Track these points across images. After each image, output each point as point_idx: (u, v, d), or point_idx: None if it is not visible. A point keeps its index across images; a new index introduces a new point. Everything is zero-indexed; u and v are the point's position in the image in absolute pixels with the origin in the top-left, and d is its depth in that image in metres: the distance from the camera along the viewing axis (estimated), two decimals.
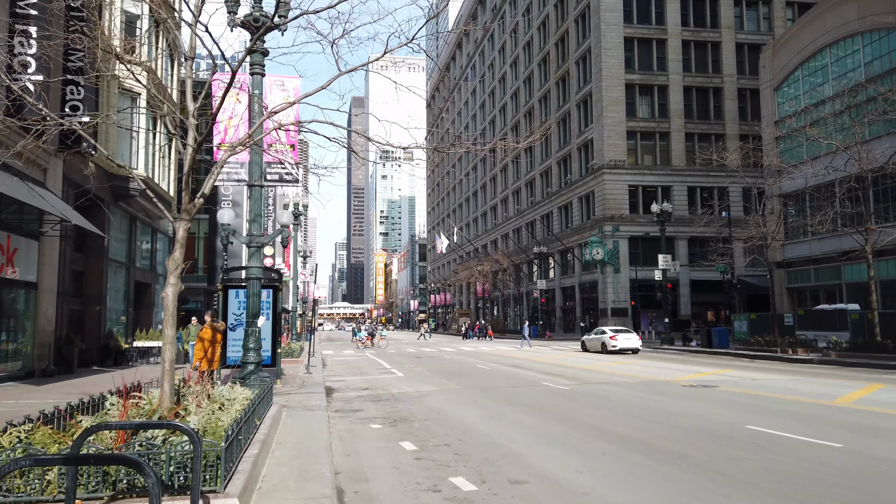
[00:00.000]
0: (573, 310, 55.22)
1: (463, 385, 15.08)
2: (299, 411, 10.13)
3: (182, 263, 6.57)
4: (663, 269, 34.23)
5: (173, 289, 6.51)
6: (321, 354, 27.63)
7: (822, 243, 31.20)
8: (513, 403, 11.69)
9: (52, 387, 14.20)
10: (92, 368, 20.38)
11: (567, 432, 8.62)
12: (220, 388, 7.28)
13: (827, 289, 31.62)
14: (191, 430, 3.59)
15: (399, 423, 9.75)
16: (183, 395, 7.00)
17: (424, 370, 19.78)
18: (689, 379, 15.67)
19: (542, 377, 16.68)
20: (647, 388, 13.63)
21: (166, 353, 6.41)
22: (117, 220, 23.64)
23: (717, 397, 12.08)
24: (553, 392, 13.26)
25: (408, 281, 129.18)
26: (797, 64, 32.44)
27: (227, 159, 12.67)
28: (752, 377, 15.96)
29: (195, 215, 6.80)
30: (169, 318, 6.47)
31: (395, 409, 11.18)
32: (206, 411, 6.26)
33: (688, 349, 29.78)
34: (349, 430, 9.22)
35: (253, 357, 11.00)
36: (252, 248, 11.22)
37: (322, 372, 18.74)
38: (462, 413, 10.64)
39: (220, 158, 6.82)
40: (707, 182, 50.15)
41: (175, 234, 6.71)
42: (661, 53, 50.88)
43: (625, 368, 19.41)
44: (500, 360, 23.72)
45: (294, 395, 12.67)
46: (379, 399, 12.76)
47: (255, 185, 11.27)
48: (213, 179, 6.76)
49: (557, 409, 10.86)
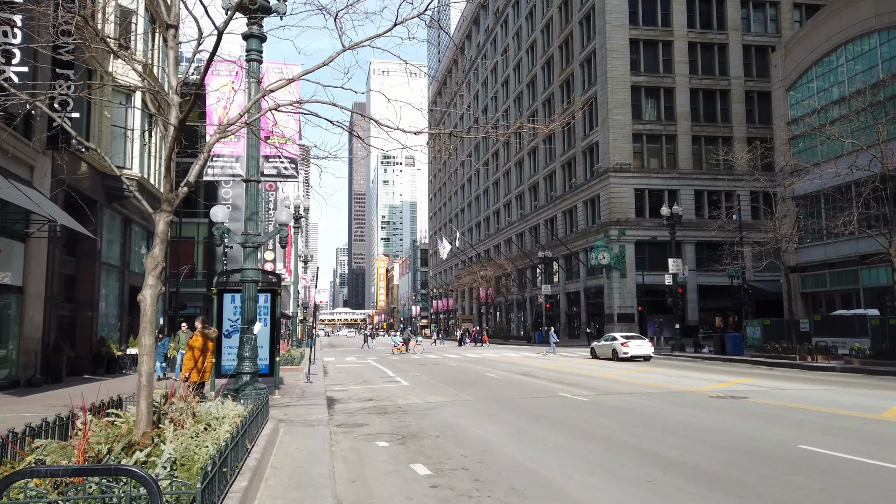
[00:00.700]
0: (578, 315, 54.25)
1: (474, 396, 14.15)
2: (298, 427, 9.21)
3: (162, 262, 5.68)
4: (673, 273, 33.28)
5: (152, 291, 5.61)
6: (322, 362, 26.70)
7: (838, 246, 30.28)
8: (532, 417, 10.76)
9: (35, 398, 13.29)
10: (83, 377, 19.45)
11: (601, 453, 7.68)
12: (208, 404, 6.36)
13: (843, 293, 30.67)
14: (148, 477, 2.70)
15: (409, 440, 8.82)
16: (164, 412, 6.09)
17: (431, 379, 18.84)
18: (713, 389, 14.73)
19: (556, 387, 15.75)
20: (673, 400, 12.69)
21: (143, 366, 5.51)
22: (111, 222, 22.78)
23: (751, 410, 11.14)
24: (573, 404, 12.32)
25: (409, 286, 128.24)
26: (811, 63, 31.61)
27: (222, 151, 11.77)
28: (780, 387, 15.01)
29: (193, 214, 5.90)
30: (147, 324, 5.57)
31: (403, 424, 10.26)
32: (188, 433, 5.35)
33: (700, 356, 28.81)
34: (354, 449, 8.29)
35: (248, 367, 10.10)
36: (248, 248, 10.33)
37: (323, 381, 17.81)
38: (477, 429, 9.71)
39: (209, 141, 5.94)
40: (714, 185, 49.30)
41: (156, 227, 5.81)
42: (668, 55, 50.16)
43: (641, 377, 18.46)
44: (509, 368, 22.77)
45: (293, 407, 11.75)
46: (385, 411, 11.83)
47: (252, 181, 10.39)
48: (201, 165, 5.88)
49: (583, 424, 9.92)
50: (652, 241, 46.51)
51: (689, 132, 49.76)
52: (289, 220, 10.54)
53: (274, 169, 11.74)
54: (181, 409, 6.07)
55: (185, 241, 36.36)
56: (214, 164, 11.30)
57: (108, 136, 20.48)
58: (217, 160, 11.31)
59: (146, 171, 23.67)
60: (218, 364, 12.61)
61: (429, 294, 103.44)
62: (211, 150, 5.91)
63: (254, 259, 10.39)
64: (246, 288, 10.26)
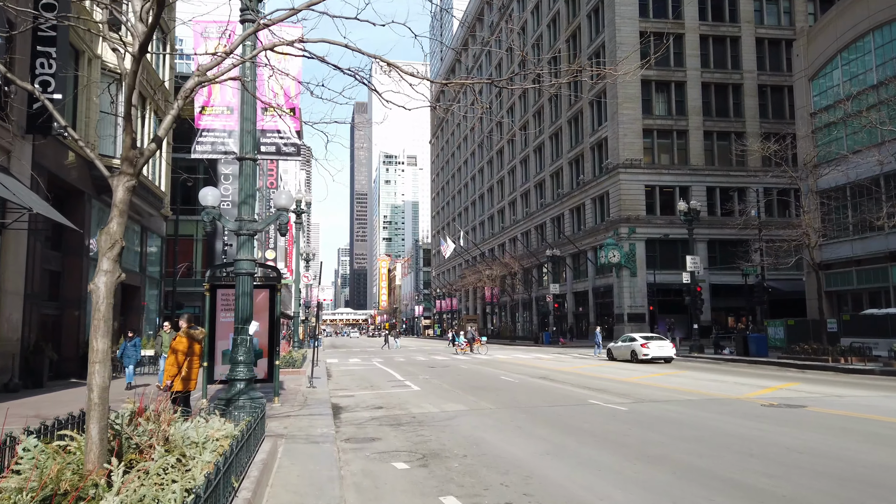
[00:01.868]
0: (586, 315, 52.86)
1: (495, 403, 12.76)
2: (301, 444, 7.84)
3: (121, 240, 4.31)
4: (691, 270, 31.86)
5: (108, 278, 4.25)
6: (325, 363, 25.33)
7: (867, 243, 28.87)
8: (568, 430, 9.38)
9: (6, 405, 11.91)
10: (69, 381, 18.09)
11: (670, 481, 6.30)
12: (185, 425, 4.98)
13: (871, 292, 29.24)
14: None
15: (431, 460, 7.45)
16: (128, 436, 4.72)
17: (443, 383, 17.46)
18: (758, 396, 13.33)
19: (583, 392, 14.35)
20: (721, 409, 11.30)
21: (94, 377, 4.13)
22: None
23: (818, 422, 9.76)
24: (611, 414, 10.93)
25: (412, 286, 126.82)
26: (836, 51, 30.21)
27: (212, 124, 10.37)
28: (834, 393, 13.60)
29: (192, 212, 4.52)
30: (100, 322, 4.20)
31: (421, 439, 8.89)
32: (153, 470, 3.98)
33: (722, 357, 27.41)
34: (367, 472, 6.93)
35: (243, 372, 8.73)
36: (242, 235, 8.96)
37: (327, 385, 16.45)
38: (508, 445, 8.33)
39: (186, 85, 4.58)
40: (727, 182, 48.00)
41: (113, 196, 4.44)
42: (679, 49, 48.79)
43: (670, 381, 17.07)
44: (524, 371, 21.39)
45: (294, 417, 10.39)
46: (398, 422, 10.46)
47: (247, 158, 9.02)
48: (173, 116, 4.51)
49: (629, 439, 8.54)
50: (664, 238, 45.19)
51: (701, 127, 48.44)
52: (289, 203, 9.17)
53: (273, 146, 10.34)
54: (150, 431, 4.70)
55: (184, 239, 35.04)
56: (204, 139, 9.92)
57: (96, 122, 19.13)
58: (207, 135, 9.92)
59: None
60: (211, 368, 11.26)
61: (432, 294, 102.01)
62: (188, 96, 4.54)
63: (249, 249, 9.03)
64: (240, 282, 8.89)
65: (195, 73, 4.62)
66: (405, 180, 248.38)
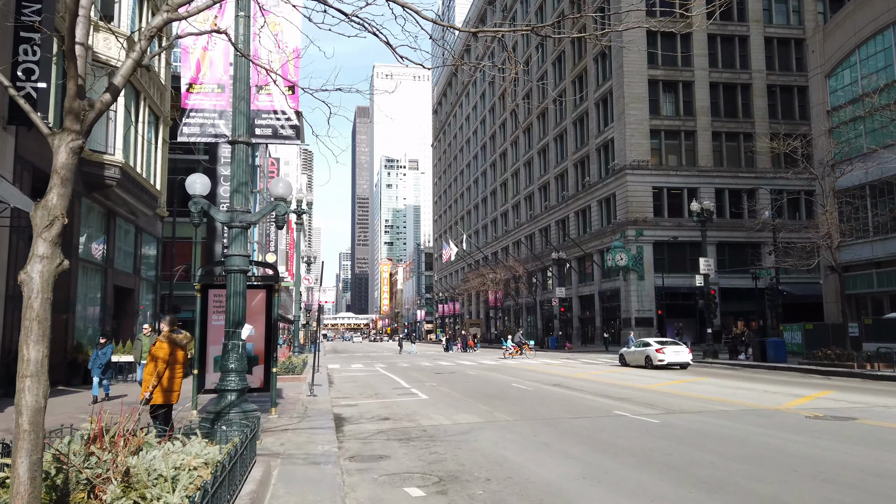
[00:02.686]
0: (592, 320, 51.80)
1: (511, 414, 11.73)
2: (299, 467, 6.81)
3: (62, 217, 3.32)
4: (705, 273, 30.86)
5: (45, 266, 3.25)
6: (326, 369, 24.29)
7: (887, 244, 27.84)
8: (599, 447, 8.35)
9: None
10: (55, 388, 17.05)
11: None
12: (151, 454, 3.96)
13: (892, 295, 28.20)
14: None
15: (449, 485, 6.43)
16: (77, 470, 3.71)
17: (452, 391, 16.41)
18: (798, 405, 12.29)
19: (605, 402, 13.31)
20: (763, 422, 10.26)
21: (24, 397, 3.14)
22: (92, 215, 20.40)
23: (882, 437, 8.72)
24: (641, 427, 9.89)
25: (413, 290, 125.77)
26: (854, 46, 29.25)
27: (202, 104, 9.39)
28: (880, 403, 12.54)
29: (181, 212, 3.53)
30: (33, 324, 3.19)
31: (435, 457, 7.86)
32: None
33: (738, 363, 26.36)
34: (376, 500, 5.91)
35: (234, 382, 7.72)
36: (234, 228, 7.96)
37: (329, 393, 15.42)
38: (537, 466, 7.30)
39: (153, 23, 3.60)
40: (736, 184, 47.09)
41: (54, 160, 3.45)
42: (686, 48, 47.90)
43: (695, 388, 16.02)
44: (535, 378, 20.34)
45: (293, 431, 9.37)
46: (408, 437, 9.44)
47: (240, 142, 8.04)
48: (135, 60, 3.52)
49: (676, 459, 7.50)
50: (672, 241, 44.23)
51: (709, 128, 47.55)
52: (287, 192, 8.18)
53: (269, 128, 9.32)
54: (106, 463, 3.69)
55: (182, 242, 34.03)
56: (192, 120, 8.90)
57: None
58: (195, 116, 8.90)
59: (133, 159, 21.35)
60: (202, 376, 10.25)
61: (434, 298, 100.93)
62: (153, 35, 3.56)
63: (242, 243, 8.03)
64: (231, 280, 7.88)
65: (163, 9, 3.64)
66: (407, 184, 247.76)
